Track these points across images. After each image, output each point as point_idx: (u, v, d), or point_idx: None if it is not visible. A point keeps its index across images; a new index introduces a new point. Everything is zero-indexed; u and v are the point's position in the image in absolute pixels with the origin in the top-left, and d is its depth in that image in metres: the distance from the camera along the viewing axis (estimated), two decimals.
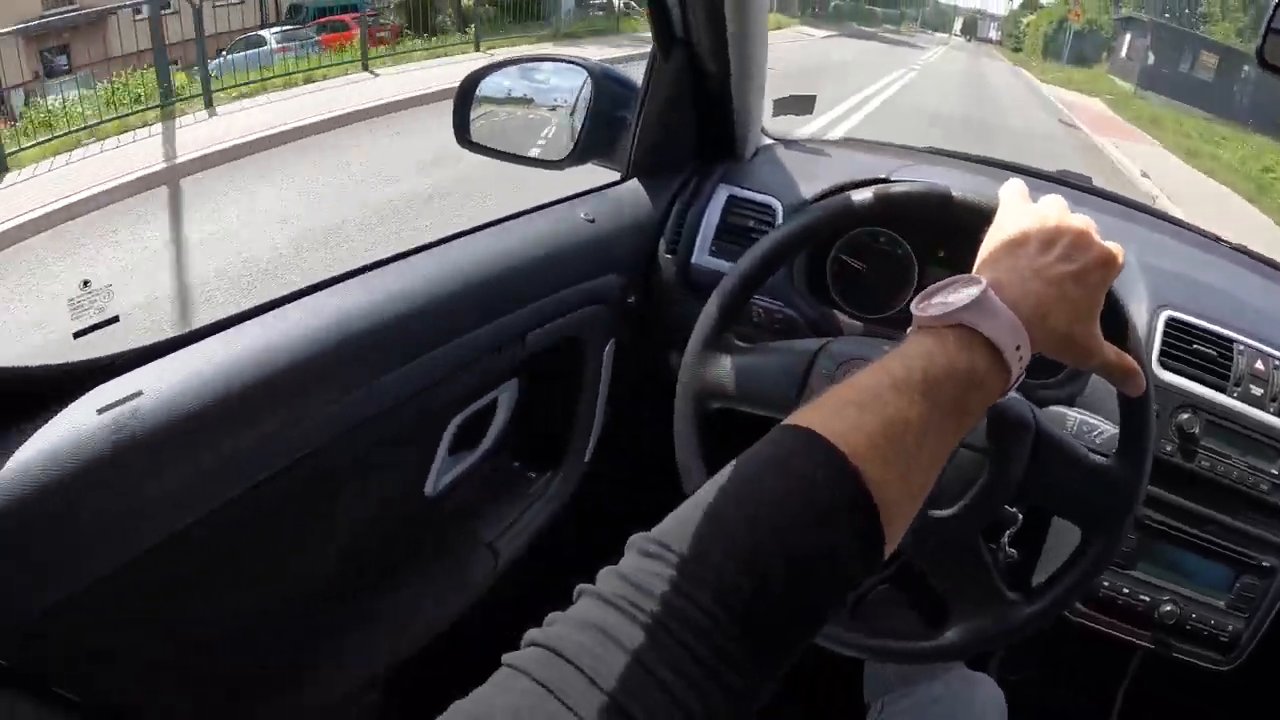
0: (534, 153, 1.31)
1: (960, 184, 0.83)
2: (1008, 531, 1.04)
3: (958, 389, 0.54)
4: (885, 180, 1.04)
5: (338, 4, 14.28)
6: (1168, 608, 1.12)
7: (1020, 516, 1.02)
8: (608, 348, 1.19)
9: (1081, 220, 0.65)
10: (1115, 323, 0.73)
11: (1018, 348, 0.57)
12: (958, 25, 66.03)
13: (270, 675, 0.87)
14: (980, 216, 0.72)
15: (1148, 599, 1.13)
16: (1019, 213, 0.67)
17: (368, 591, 0.97)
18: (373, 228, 5.28)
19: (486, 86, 1.31)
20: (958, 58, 33.38)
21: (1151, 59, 27.60)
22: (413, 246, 0.97)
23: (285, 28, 11.74)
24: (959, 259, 1.15)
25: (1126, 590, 1.14)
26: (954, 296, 0.57)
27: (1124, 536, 0.82)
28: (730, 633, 0.41)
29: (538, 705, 0.38)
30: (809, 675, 1.28)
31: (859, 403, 0.51)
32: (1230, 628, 1.13)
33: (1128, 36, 31.02)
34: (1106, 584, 1.14)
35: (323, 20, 14.10)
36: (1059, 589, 0.83)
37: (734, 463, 0.49)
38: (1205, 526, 1.11)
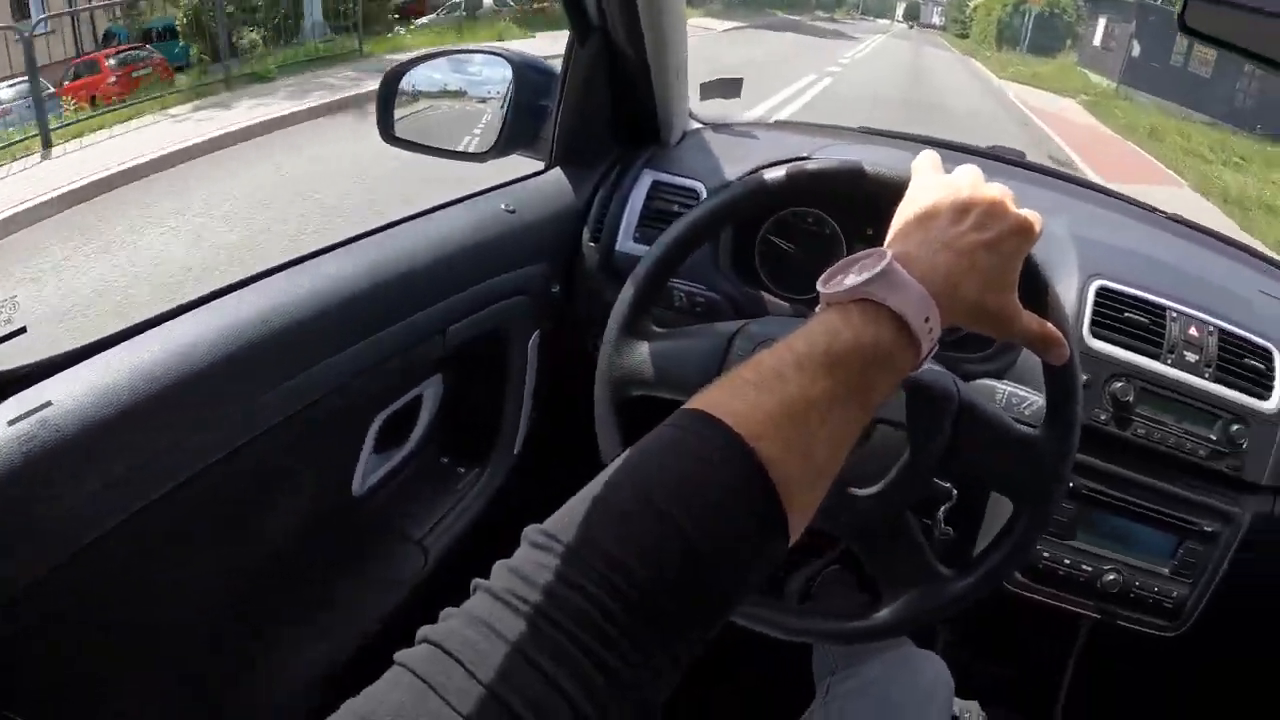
0: (462, 145, 1.30)
1: (879, 160, 0.82)
2: (943, 507, 1.04)
3: (863, 364, 0.53)
4: (805, 159, 1.04)
5: (158, 25, 11.86)
6: (1110, 576, 1.13)
7: (955, 492, 1.02)
8: (532, 339, 1.18)
9: (996, 189, 0.65)
10: (1035, 291, 0.72)
11: (926, 320, 0.56)
12: (900, 10, 61.41)
13: (203, 684, 0.85)
14: (894, 190, 0.71)
15: (1090, 569, 1.14)
16: (931, 184, 0.66)
17: (298, 595, 0.95)
18: None
19: (416, 81, 1.30)
20: (896, 50, 28.08)
21: (1137, 49, 22.46)
22: (327, 244, 0.95)
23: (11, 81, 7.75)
24: (886, 237, 1.16)
25: (1068, 561, 1.14)
26: (860, 272, 0.57)
27: (1056, 506, 0.81)
28: (618, 619, 0.40)
29: (419, 702, 0.37)
30: (760, 657, 1.28)
31: (758, 382, 0.50)
32: (1175, 594, 1.14)
33: (1102, 21, 26.29)
34: (1047, 555, 1.14)
35: (78, 60, 10.70)
36: (992, 562, 0.82)
37: (630, 449, 0.48)
38: (1144, 494, 1.12)
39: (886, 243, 0.63)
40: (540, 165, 1.27)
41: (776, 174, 0.85)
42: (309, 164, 6.97)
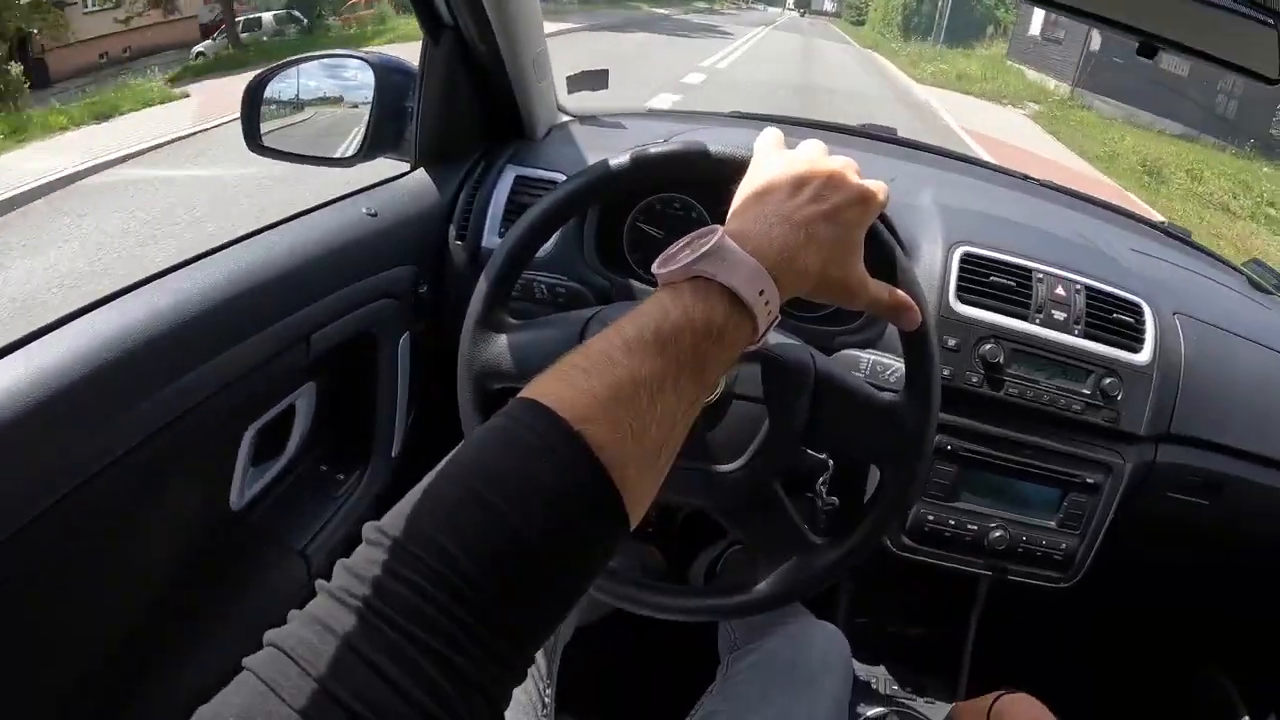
0: (339, 151, 1.29)
1: (730, 140, 0.83)
2: (822, 478, 1.06)
3: (694, 341, 0.54)
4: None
5: None
6: (997, 533, 1.16)
7: (831, 463, 1.04)
8: (403, 340, 1.18)
9: (837, 161, 0.66)
10: (883, 259, 0.74)
11: (761, 293, 0.57)
12: None
13: (86, 706, 0.84)
14: (740, 169, 0.72)
15: (976, 528, 1.17)
16: (770, 160, 0.68)
17: (182, 613, 0.94)
18: None
19: (286, 88, 1.29)
20: (778, 49, 22.41)
21: (1096, 42, 17.11)
22: (188, 256, 0.94)
23: None
24: None
25: (953, 522, 1.17)
26: (693, 251, 0.57)
27: (923, 469, 0.83)
28: (448, 609, 0.41)
29: (259, 702, 0.38)
30: (666, 638, 1.30)
31: (587, 368, 0.50)
32: (1064, 545, 1.18)
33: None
34: (932, 518, 1.18)
35: None
36: (863, 529, 0.83)
37: (462, 442, 0.49)
38: (1023, 451, 1.15)
39: (726, 220, 0.64)
40: (407, 167, 1.27)
41: (621, 159, 0.85)
42: None
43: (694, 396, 0.54)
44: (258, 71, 1.26)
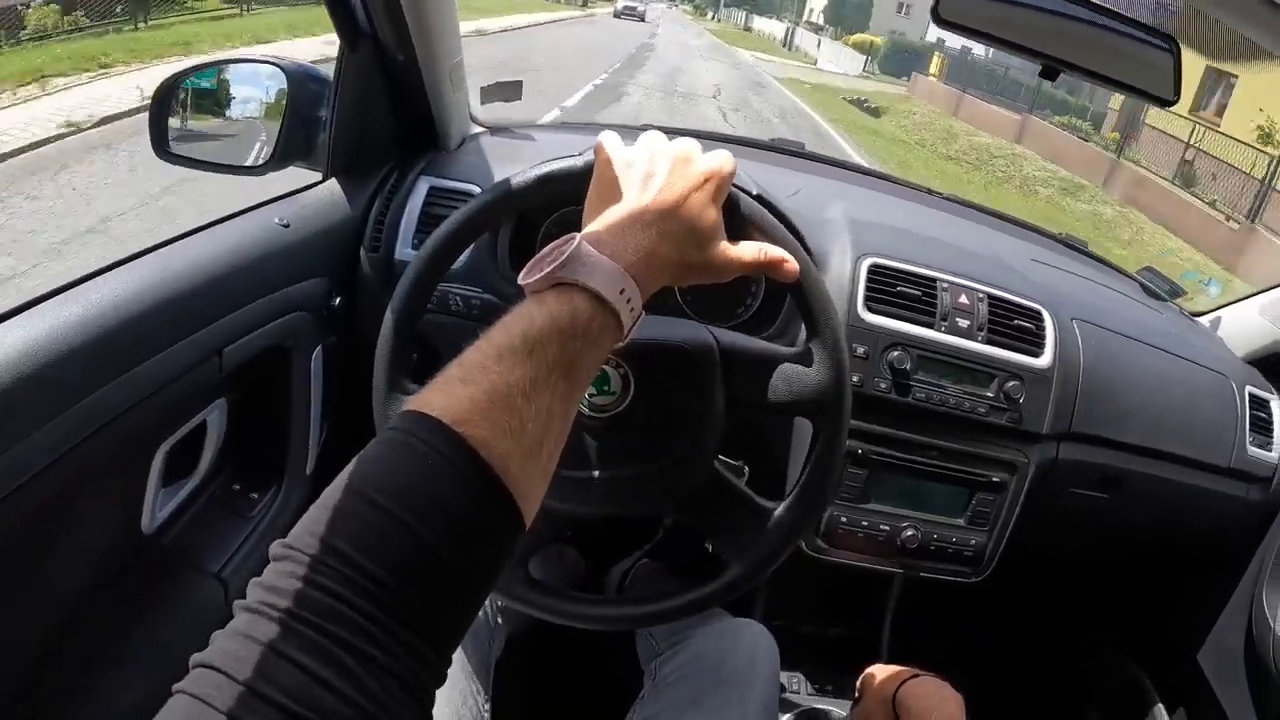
0: (249, 160, 1.25)
1: None
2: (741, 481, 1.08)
3: (562, 342, 0.57)
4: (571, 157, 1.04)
5: None
6: (908, 533, 1.21)
7: (746, 468, 1.07)
8: (316, 353, 1.16)
9: (677, 148, 0.69)
10: (743, 224, 0.75)
11: (622, 291, 0.61)
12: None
13: None
14: None
15: (888, 528, 1.22)
16: (614, 161, 0.70)
17: (95, 643, 0.91)
18: None
19: (194, 93, 1.25)
20: None
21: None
22: (94, 269, 0.90)
23: None
24: None
25: (865, 523, 1.21)
26: (554, 260, 0.60)
27: (846, 412, 0.81)
28: (363, 610, 0.43)
29: (192, 715, 0.39)
30: (582, 653, 1.30)
31: (462, 377, 0.53)
32: (973, 542, 1.23)
33: None
34: (845, 520, 1.21)
35: None
36: (811, 482, 0.82)
37: (357, 456, 0.50)
38: (931, 453, 1.20)
39: (583, 226, 0.67)
40: (318, 176, 1.25)
41: (524, 176, 0.81)
42: None
43: (567, 394, 0.57)
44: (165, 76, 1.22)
